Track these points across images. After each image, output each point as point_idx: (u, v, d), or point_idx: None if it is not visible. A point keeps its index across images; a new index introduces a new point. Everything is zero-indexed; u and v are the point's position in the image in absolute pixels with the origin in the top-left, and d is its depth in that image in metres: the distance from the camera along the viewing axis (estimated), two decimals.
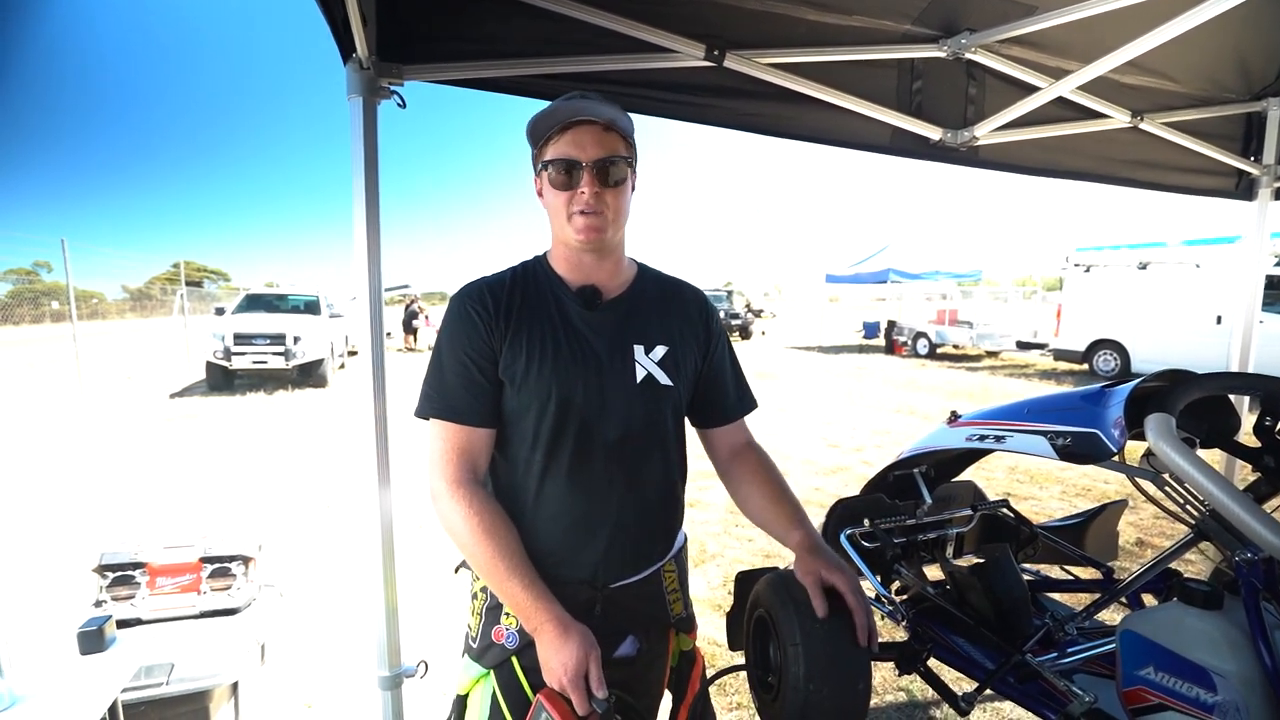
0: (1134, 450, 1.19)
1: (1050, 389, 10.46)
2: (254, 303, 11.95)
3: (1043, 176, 2.25)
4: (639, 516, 1.11)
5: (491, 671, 1.10)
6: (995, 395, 9.81)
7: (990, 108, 1.97)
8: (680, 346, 1.15)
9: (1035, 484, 5.03)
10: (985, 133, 1.97)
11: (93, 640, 1.50)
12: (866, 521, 1.61)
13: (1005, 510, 1.75)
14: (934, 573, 1.70)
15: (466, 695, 1.13)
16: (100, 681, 1.44)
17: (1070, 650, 1.29)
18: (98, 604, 2.24)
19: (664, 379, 1.11)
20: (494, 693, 1.08)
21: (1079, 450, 1.18)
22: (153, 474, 5.52)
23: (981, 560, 1.48)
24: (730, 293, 23.70)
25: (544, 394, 1.05)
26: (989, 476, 5.18)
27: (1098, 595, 1.49)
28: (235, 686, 2.19)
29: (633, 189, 1.10)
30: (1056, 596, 1.69)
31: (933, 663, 1.40)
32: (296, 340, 10.34)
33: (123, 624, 2.22)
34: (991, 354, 15.31)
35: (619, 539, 1.09)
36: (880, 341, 17.90)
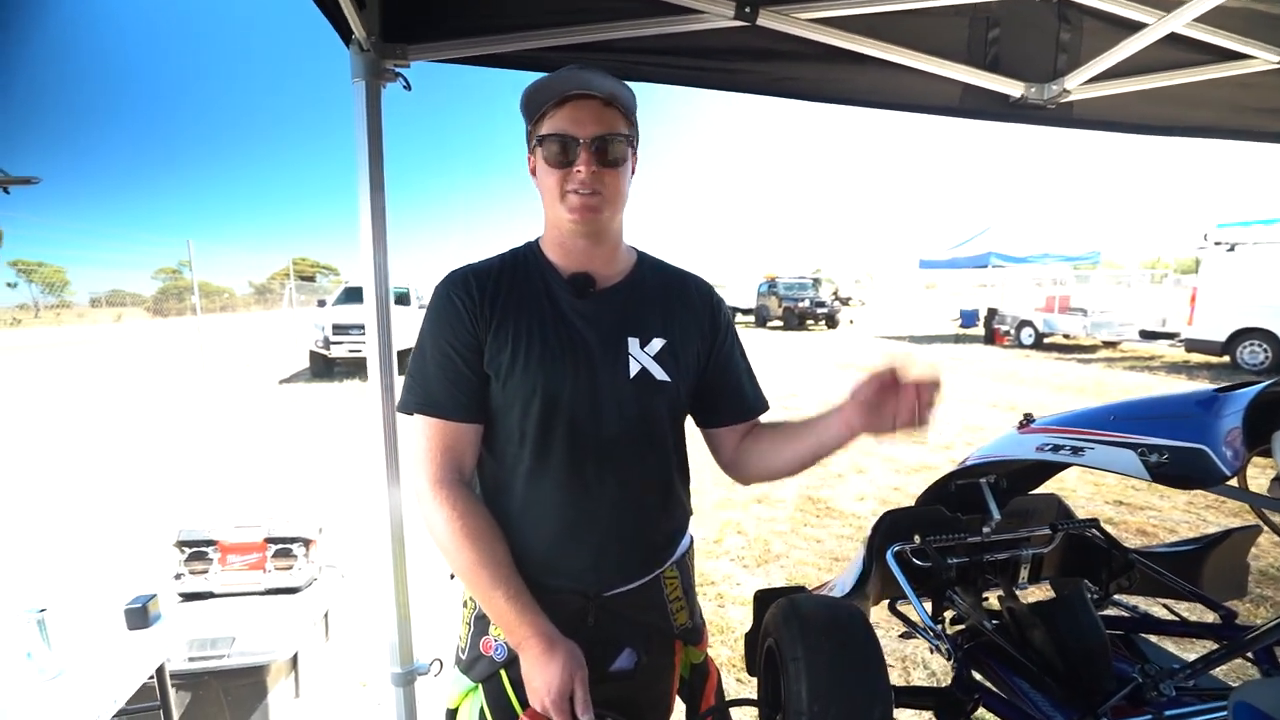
0: (1265, 467, 0.93)
1: (1180, 385, 9.25)
2: (351, 295, 12.76)
3: (1155, 135, 1.87)
4: (634, 520, 1.03)
5: (480, 685, 1.05)
6: (1110, 391, 8.78)
7: (1087, 54, 1.65)
8: (680, 340, 1.06)
9: (1153, 491, 4.40)
10: (1078, 84, 1.66)
11: (137, 617, 1.59)
12: (917, 538, 1.40)
13: (1094, 531, 1.47)
14: (998, 602, 1.46)
15: (456, 709, 1.10)
16: (141, 656, 1.52)
17: (1168, 714, 1.04)
18: (178, 576, 2.42)
19: (660, 374, 1.02)
20: (482, 708, 1.04)
21: (1178, 470, 0.94)
22: (247, 455, 6.01)
23: (1052, 596, 1.24)
24: (817, 280, 22.99)
25: (529, 388, 0.98)
26: (1095, 480, 4.60)
27: (1215, 645, 1.21)
28: (295, 660, 2.30)
29: (633, 171, 1.02)
30: (1163, 641, 1.40)
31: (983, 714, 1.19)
32: None
33: (196, 596, 2.39)
34: (1109, 344, 13.77)
35: (611, 544, 1.02)
36: (979, 330, 16.61)
